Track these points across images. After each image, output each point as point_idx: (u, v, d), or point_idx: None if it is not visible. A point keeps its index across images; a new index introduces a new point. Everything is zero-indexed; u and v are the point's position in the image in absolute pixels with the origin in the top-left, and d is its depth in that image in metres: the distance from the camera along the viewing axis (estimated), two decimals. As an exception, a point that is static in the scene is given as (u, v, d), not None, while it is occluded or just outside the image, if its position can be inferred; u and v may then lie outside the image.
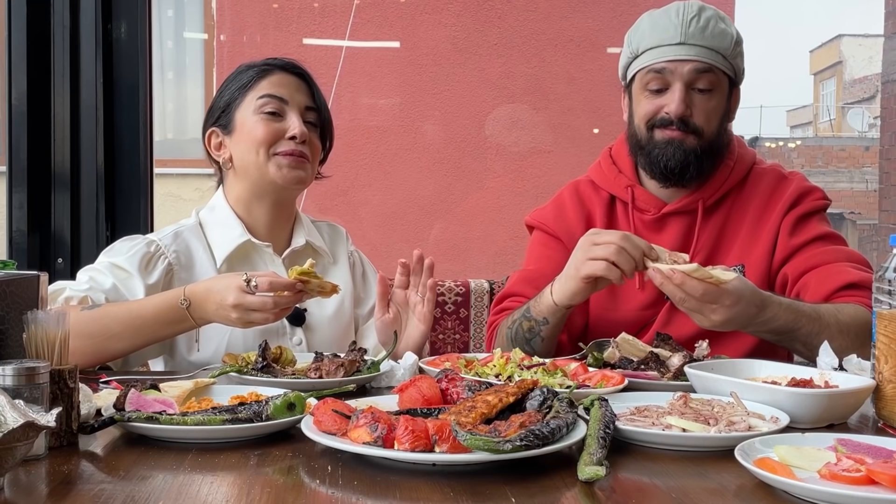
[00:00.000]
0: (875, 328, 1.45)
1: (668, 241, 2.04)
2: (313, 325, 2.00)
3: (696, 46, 1.95)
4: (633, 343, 1.78)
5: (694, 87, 1.97)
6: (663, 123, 1.98)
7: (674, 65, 1.95)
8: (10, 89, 2.57)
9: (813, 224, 2.03)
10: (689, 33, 1.95)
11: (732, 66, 2.00)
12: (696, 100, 1.97)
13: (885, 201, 7.57)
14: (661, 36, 1.97)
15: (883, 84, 7.97)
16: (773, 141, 13.88)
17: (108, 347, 1.76)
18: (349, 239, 2.19)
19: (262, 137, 1.92)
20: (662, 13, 2.00)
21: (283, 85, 1.97)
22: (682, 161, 1.97)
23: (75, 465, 1.18)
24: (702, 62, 1.95)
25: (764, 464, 1.10)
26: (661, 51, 1.97)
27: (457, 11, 4.48)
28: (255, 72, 1.98)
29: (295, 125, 1.93)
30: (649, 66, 1.98)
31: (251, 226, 2.00)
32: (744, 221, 2.06)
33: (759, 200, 2.07)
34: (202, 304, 1.73)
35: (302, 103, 1.98)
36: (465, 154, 4.50)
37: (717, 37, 1.96)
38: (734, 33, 1.99)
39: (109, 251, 1.93)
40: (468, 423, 1.18)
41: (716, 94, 1.98)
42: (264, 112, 1.94)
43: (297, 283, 1.71)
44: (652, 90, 1.99)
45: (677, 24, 1.96)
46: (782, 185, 2.08)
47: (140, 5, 2.64)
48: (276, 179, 1.94)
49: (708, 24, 1.96)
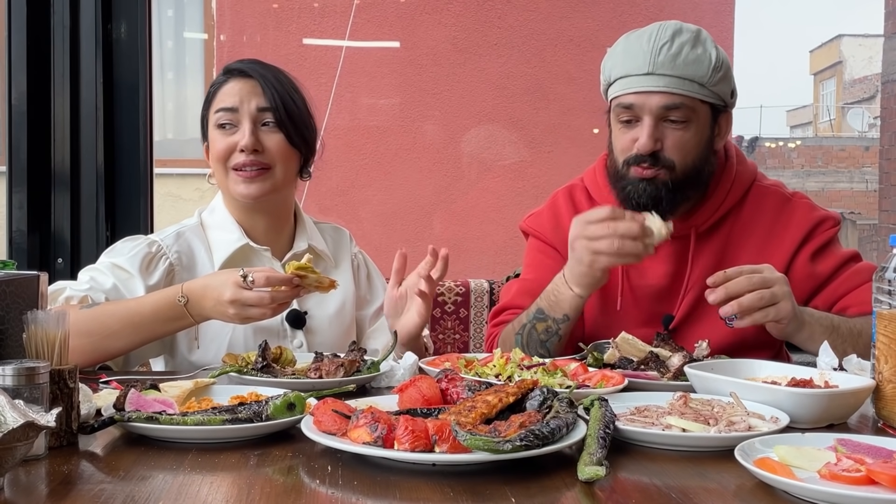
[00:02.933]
0: (875, 328, 1.45)
1: (661, 264, 1.99)
2: (314, 328, 2.00)
3: (665, 77, 1.84)
4: (633, 343, 1.78)
5: (666, 118, 1.86)
6: (637, 161, 1.88)
7: (642, 98, 1.85)
8: (10, 89, 2.57)
9: (831, 253, 1.98)
10: (657, 62, 1.84)
11: (714, 93, 1.88)
12: (667, 133, 1.87)
13: (884, 201, 7.58)
14: (630, 65, 1.87)
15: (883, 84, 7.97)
16: (773, 141, 13.88)
17: (107, 346, 1.76)
18: (353, 241, 2.18)
19: (218, 154, 1.92)
20: (636, 38, 1.90)
21: (234, 93, 1.92)
22: (654, 196, 1.88)
23: (75, 465, 1.18)
24: (671, 93, 1.84)
25: (764, 464, 1.10)
26: (629, 81, 1.87)
27: (457, 11, 4.48)
28: (216, 82, 1.97)
29: (243, 135, 1.89)
30: (619, 100, 1.90)
31: (250, 230, 1.99)
32: (746, 245, 1.98)
33: (763, 224, 1.99)
34: (200, 300, 1.73)
35: (253, 107, 1.91)
36: (465, 154, 4.50)
37: (690, 65, 1.84)
38: (712, 58, 1.86)
39: (111, 251, 1.93)
40: (468, 423, 1.18)
41: (691, 126, 1.87)
42: (220, 125, 1.92)
43: (293, 278, 1.71)
44: (623, 121, 1.90)
45: (647, 51, 1.85)
46: (787, 210, 2.00)
47: (140, 5, 2.64)
48: (235, 195, 1.93)
49: (681, 50, 1.84)
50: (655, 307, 1.99)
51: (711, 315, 1.87)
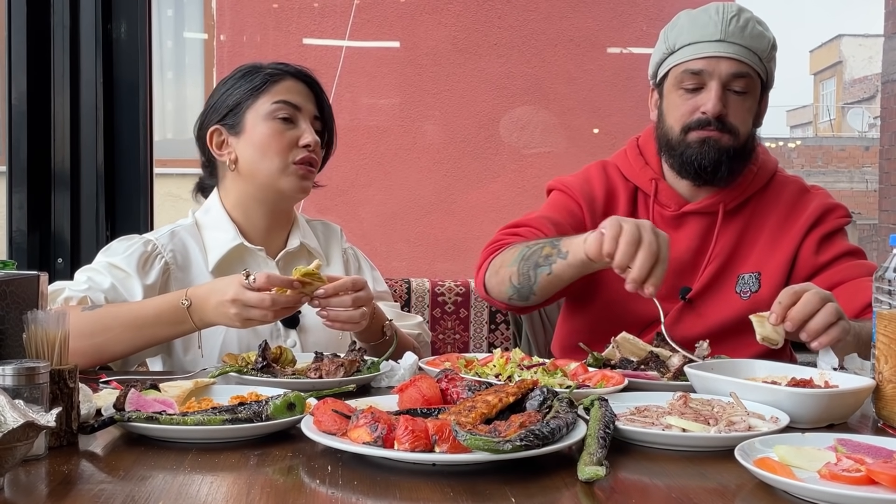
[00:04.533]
0: (875, 328, 1.45)
1: (686, 239, 2.04)
2: (308, 327, 2.00)
3: (735, 45, 1.93)
4: (634, 343, 1.78)
5: (730, 87, 1.94)
6: (700, 124, 1.95)
7: (712, 63, 1.93)
8: (10, 89, 2.57)
9: (836, 242, 2.04)
10: (729, 31, 1.93)
11: (766, 70, 1.99)
12: (731, 100, 1.95)
13: (884, 201, 7.58)
14: (700, 32, 1.95)
15: (883, 84, 7.97)
16: (773, 141, 13.89)
17: (108, 348, 1.76)
18: (343, 237, 2.18)
19: (278, 145, 1.92)
20: (701, 12, 1.98)
21: (296, 92, 1.96)
22: (716, 160, 1.96)
23: (75, 465, 1.18)
24: (740, 61, 1.93)
25: (764, 464, 1.10)
26: (699, 47, 1.95)
27: (457, 11, 4.48)
28: (267, 75, 1.96)
29: (308, 134, 1.93)
30: (685, 66, 1.96)
31: (246, 229, 1.99)
32: (764, 228, 2.06)
33: (781, 209, 2.07)
34: (203, 303, 1.73)
35: (311, 112, 1.98)
36: (465, 154, 4.50)
37: (756, 38, 1.95)
38: (771, 37, 1.99)
39: (107, 251, 1.93)
40: (468, 423, 1.18)
41: (749, 97, 1.97)
42: (278, 118, 1.93)
43: (294, 282, 1.70)
44: (687, 89, 1.96)
45: (717, 21, 1.94)
46: (805, 198, 2.09)
47: (140, 5, 2.64)
48: (284, 188, 1.94)
49: (747, 24, 1.94)
50: (676, 280, 2.02)
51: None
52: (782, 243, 2.03)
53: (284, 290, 1.69)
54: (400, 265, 3.98)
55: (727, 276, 2.03)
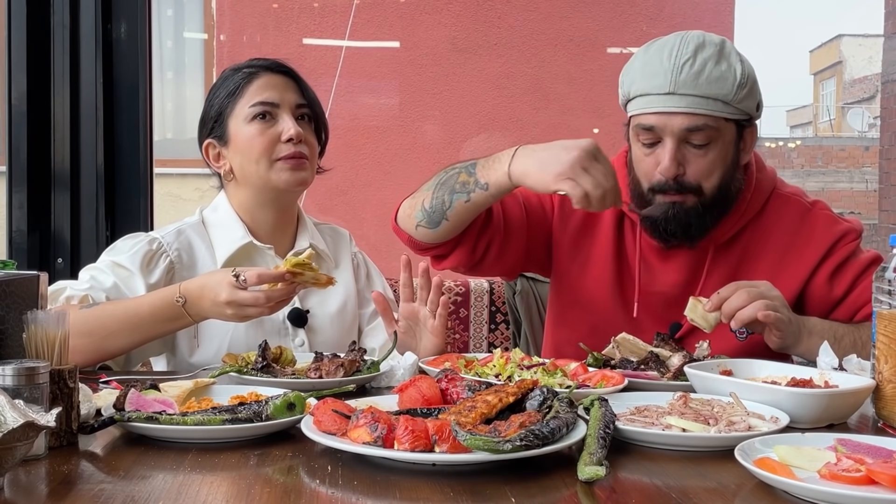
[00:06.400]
0: (875, 328, 1.45)
1: (674, 272, 1.94)
2: (315, 327, 2.00)
3: (687, 97, 1.76)
4: (634, 342, 1.78)
5: (688, 141, 1.79)
6: (662, 188, 1.82)
7: (663, 119, 1.78)
8: (10, 89, 2.57)
9: (849, 268, 1.91)
10: (679, 81, 1.75)
11: (739, 110, 1.80)
12: (689, 155, 1.80)
13: (884, 201, 7.58)
14: (650, 83, 1.79)
15: (883, 84, 7.98)
16: (773, 141, 13.88)
17: (106, 345, 1.76)
18: (352, 241, 2.18)
19: (261, 147, 1.91)
20: (656, 52, 1.81)
21: (271, 87, 1.94)
22: (684, 223, 1.83)
23: (75, 465, 1.18)
24: (694, 114, 1.76)
25: (764, 464, 1.10)
26: (649, 100, 1.80)
27: (457, 11, 4.48)
28: (241, 77, 1.95)
29: (289, 127, 1.91)
30: (638, 121, 1.83)
31: (254, 229, 1.99)
32: (764, 254, 1.93)
33: (781, 237, 1.93)
34: (198, 300, 1.73)
35: (292, 102, 1.95)
36: (465, 154, 4.50)
37: (714, 83, 1.76)
38: (737, 73, 1.78)
39: (111, 250, 1.93)
40: (468, 423, 1.18)
41: (714, 147, 1.80)
42: (257, 118, 1.92)
43: (286, 275, 1.70)
44: (645, 143, 1.83)
45: (668, 69, 1.77)
46: (808, 222, 1.94)
47: (140, 5, 2.64)
48: (279, 185, 1.93)
49: (704, 67, 1.76)
50: (665, 313, 1.94)
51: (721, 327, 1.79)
52: (788, 269, 1.90)
53: (276, 284, 1.69)
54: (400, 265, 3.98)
55: None
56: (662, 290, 1.95)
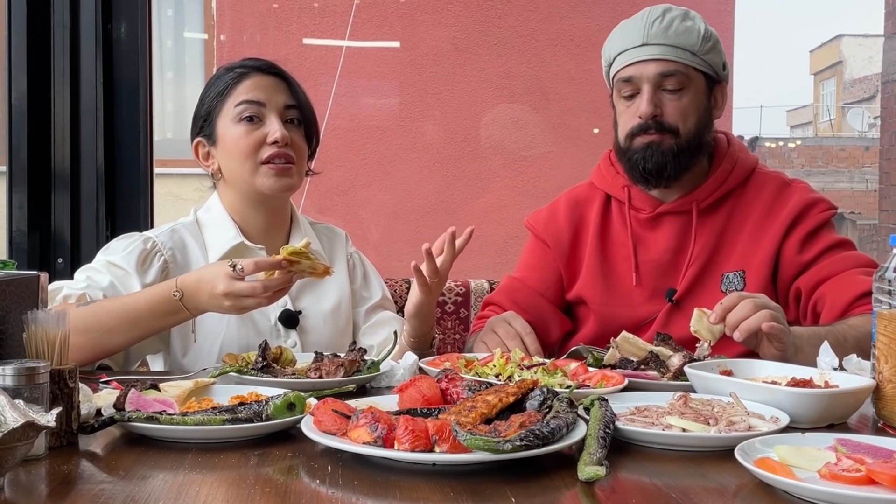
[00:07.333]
0: (875, 328, 1.45)
1: (664, 239, 2.08)
2: (308, 327, 2.00)
3: (659, 46, 1.98)
4: (634, 342, 1.78)
5: (663, 87, 1.99)
6: (641, 129, 2.00)
7: (639, 68, 1.99)
8: (10, 89, 2.57)
9: (821, 237, 2.03)
10: (651, 34, 1.98)
11: (706, 62, 2.01)
12: (665, 100, 2.00)
13: (885, 201, 7.58)
14: (626, 40, 2.02)
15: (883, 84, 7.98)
16: (773, 141, 13.89)
17: (105, 342, 1.76)
18: (349, 241, 2.18)
19: (246, 148, 1.90)
20: (631, 20, 2.04)
21: (260, 87, 1.93)
22: (659, 162, 1.99)
23: (75, 465, 1.18)
24: (665, 59, 1.97)
25: (764, 464, 1.10)
26: (627, 55, 2.01)
27: (457, 11, 4.47)
28: (231, 77, 1.95)
29: (275, 129, 1.90)
30: (619, 75, 2.03)
31: (246, 229, 1.99)
32: (745, 225, 2.06)
33: (761, 206, 2.07)
34: (195, 294, 1.73)
35: (281, 103, 1.94)
36: (465, 154, 4.50)
37: (681, 34, 1.98)
38: (701, 29, 2.01)
39: (106, 250, 1.93)
40: (468, 423, 1.18)
41: (688, 93, 2.00)
42: (243, 119, 1.91)
43: (282, 262, 1.70)
44: (625, 97, 2.03)
45: (640, 25, 2.00)
46: (785, 192, 2.08)
47: (140, 5, 2.64)
48: (263, 189, 1.93)
49: (672, 23, 1.99)
50: (660, 282, 2.07)
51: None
52: (764, 240, 2.03)
53: (273, 273, 1.69)
54: (400, 265, 3.98)
55: (711, 275, 2.04)
56: (654, 257, 2.09)
